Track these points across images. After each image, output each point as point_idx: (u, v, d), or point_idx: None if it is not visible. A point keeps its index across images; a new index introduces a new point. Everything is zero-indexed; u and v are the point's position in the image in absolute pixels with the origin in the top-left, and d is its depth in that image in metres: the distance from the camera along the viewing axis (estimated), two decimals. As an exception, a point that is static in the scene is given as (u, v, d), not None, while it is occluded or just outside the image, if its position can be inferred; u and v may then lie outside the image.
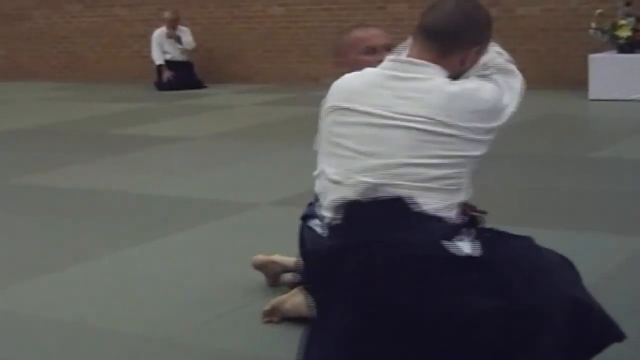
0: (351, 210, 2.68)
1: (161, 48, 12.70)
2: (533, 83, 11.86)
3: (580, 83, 10.04)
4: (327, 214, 2.77)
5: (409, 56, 2.80)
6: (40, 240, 5.20)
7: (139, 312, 3.90)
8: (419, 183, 2.66)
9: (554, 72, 10.85)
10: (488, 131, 2.79)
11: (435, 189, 2.67)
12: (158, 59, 12.70)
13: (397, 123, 2.68)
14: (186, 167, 7.12)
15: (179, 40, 12.60)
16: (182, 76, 12.56)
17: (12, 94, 13.02)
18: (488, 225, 2.87)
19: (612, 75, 9.64)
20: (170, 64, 12.65)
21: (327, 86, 2.91)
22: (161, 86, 12.58)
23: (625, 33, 9.75)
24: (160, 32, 12.67)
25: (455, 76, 2.79)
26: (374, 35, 3.46)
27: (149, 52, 12.89)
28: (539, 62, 10.89)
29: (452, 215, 2.71)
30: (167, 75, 12.60)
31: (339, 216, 2.71)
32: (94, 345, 3.60)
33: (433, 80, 2.72)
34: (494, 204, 3.45)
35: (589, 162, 6.72)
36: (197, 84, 12.61)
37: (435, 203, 2.67)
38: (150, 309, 3.93)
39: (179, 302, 3.96)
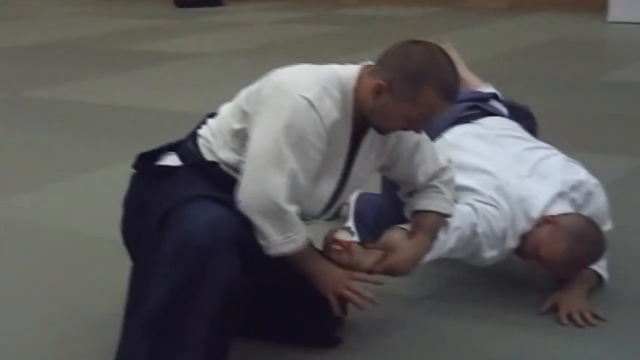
0: None
1: (181, -35, 12.62)
2: (550, 4, 11.76)
3: (599, 5, 9.92)
4: None
5: None
6: (46, 151, 5.29)
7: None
8: None
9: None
10: None
11: None
12: (177, -24, 12.63)
13: None
14: (194, 82, 7.16)
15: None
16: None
17: (28, 9, 13.00)
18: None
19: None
20: (189, -19, 12.58)
21: (350, 6, 2.87)
22: (180, 3, 12.52)
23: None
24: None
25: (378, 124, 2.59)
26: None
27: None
28: None
29: None
30: (185, -8, 12.54)
31: None
32: (90, 252, 3.70)
33: None
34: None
35: (602, 84, 6.69)
36: (216, 1, 12.55)
37: None
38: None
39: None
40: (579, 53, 8.25)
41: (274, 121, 2.47)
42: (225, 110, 2.69)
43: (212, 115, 2.74)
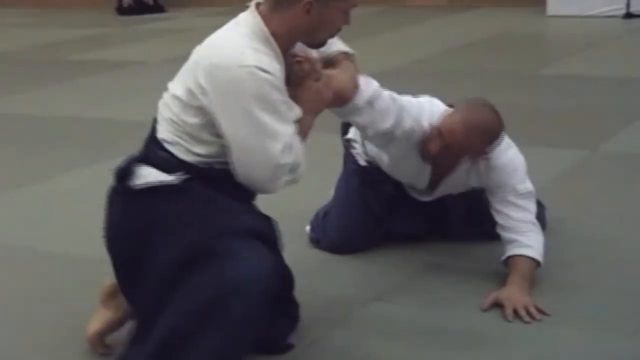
0: None
1: (121, -28, 12.55)
2: (489, 1, 11.77)
3: (538, 0, 10.04)
4: None
5: None
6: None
7: (80, 233, 3.95)
8: None
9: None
10: None
11: None
12: (118, -17, 12.56)
13: None
14: (135, 90, 7.10)
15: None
16: (142, 0, 12.44)
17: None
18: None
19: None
20: (130, -12, 12.52)
21: None
22: (121, 10, 12.46)
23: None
24: (118, -44, 12.51)
25: (315, 39, 2.72)
26: None
27: (109, -24, 12.73)
28: None
29: None
30: (127, 0, 12.47)
31: None
32: (30, 266, 3.67)
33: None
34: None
35: (541, 78, 6.78)
36: (157, 8, 12.50)
37: None
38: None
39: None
40: (519, 47, 8.35)
41: (237, 102, 2.51)
42: (168, 110, 2.67)
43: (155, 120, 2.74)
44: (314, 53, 2.77)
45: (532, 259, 3.13)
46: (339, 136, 3.68)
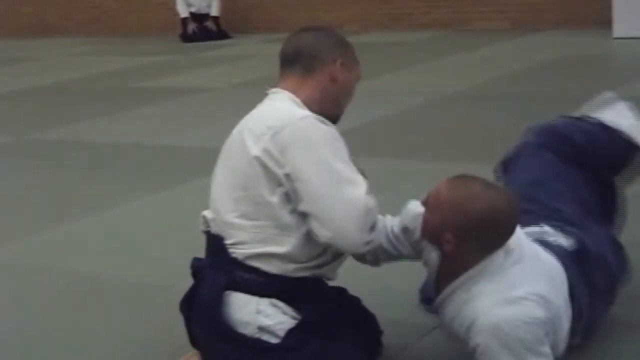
0: None
1: (185, 0, 12.70)
2: (552, 23, 11.71)
3: (603, 21, 9.92)
4: None
5: None
6: (58, 191, 5.31)
7: (149, 260, 3.98)
8: None
9: (577, 10, 10.72)
10: None
11: None
12: (183, 11, 12.72)
13: None
14: (202, 117, 7.17)
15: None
16: (206, 27, 12.59)
17: (38, 51, 13.10)
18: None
19: (636, 12, 9.50)
20: (194, 16, 12.66)
21: (351, 33, 2.94)
22: (186, 38, 12.61)
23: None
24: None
25: (331, 104, 2.74)
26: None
27: (174, 4, 12.89)
28: (528, 2, 10.81)
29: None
30: (191, 27, 12.62)
31: None
32: (103, 294, 3.70)
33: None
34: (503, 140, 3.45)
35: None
36: (222, 35, 12.62)
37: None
38: (167, 255, 4.01)
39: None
40: (585, 70, 8.23)
41: (309, 150, 2.54)
42: (236, 206, 2.64)
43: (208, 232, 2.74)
44: None
45: None
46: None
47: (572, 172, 3.02)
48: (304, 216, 2.56)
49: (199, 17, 12.63)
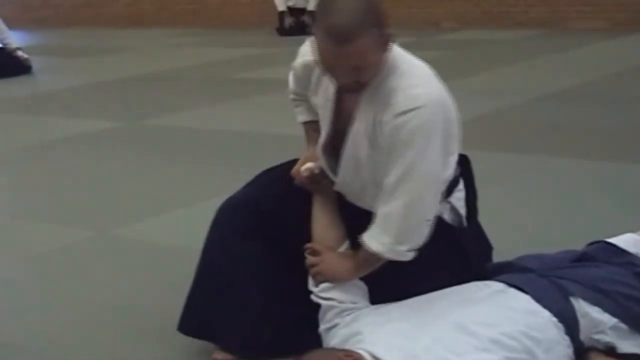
0: None
1: (283, -6, 12.88)
2: (622, 26, 11.46)
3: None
4: None
5: None
6: (171, 177, 5.49)
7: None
8: None
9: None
10: None
11: None
12: (280, 5, 12.89)
13: None
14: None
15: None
16: (303, 22, 12.74)
17: (137, 41, 13.43)
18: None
19: None
20: (292, 10, 12.82)
21: (449, 30, 2.97)
22: (283, 32, 12.77)
23: None
24: (282, -21, 12.85)
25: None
26: None
27: (271, -2, 13.10)
28: (628, 2, 10.69)
29: None
30: (288, 21, 12.78)
31: None
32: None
33: None
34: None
35: None
36: (317, 29, 12.73)
37: None
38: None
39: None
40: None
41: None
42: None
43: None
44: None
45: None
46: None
47: None
48: None
49: (296, 12, 12.80)
